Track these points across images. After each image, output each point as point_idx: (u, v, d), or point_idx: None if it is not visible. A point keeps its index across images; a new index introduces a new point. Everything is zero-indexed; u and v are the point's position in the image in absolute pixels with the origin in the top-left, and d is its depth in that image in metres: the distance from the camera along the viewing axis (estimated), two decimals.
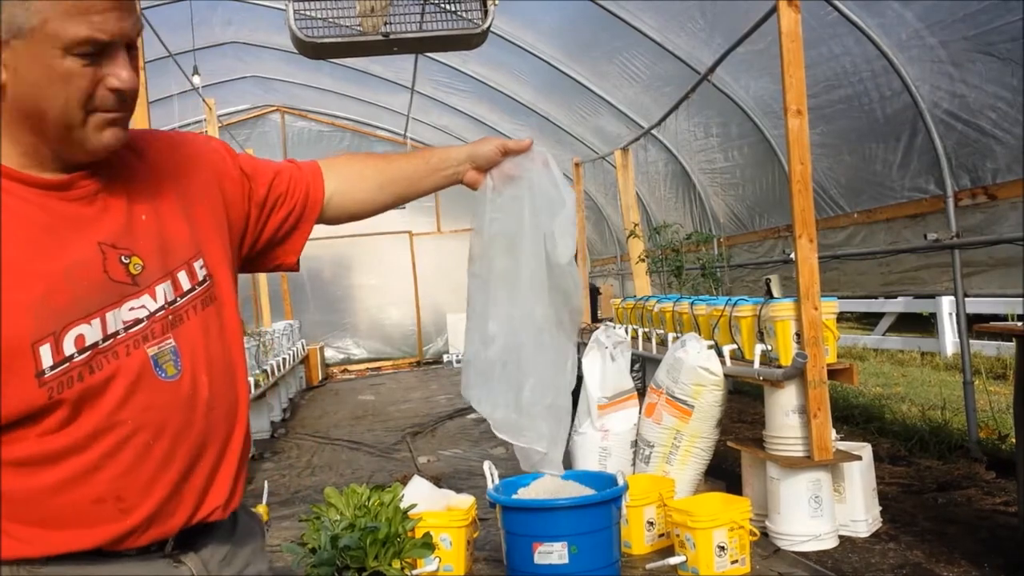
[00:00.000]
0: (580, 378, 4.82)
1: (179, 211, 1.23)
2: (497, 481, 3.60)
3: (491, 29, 3.06)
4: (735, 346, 4.28)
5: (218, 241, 1.28)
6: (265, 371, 7.34)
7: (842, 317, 10.06)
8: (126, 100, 1.11)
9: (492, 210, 1.46)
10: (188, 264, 1.21)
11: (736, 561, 3.44)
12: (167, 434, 1.14)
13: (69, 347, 1.06)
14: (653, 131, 7.80)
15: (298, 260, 1.46)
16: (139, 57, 1.19)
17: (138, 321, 1.13)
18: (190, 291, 1.20)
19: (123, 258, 1.13)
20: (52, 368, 1.05)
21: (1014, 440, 3.45)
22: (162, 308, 1.16)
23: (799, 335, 3.79)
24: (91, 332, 1.09)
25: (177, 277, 1.19)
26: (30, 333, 1.04)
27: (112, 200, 1.15)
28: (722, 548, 3.40)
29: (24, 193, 1.09)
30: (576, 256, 1.53)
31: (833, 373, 3.83)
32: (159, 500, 1.14)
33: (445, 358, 13.09)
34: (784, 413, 3.83)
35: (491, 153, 1.48)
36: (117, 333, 1.11)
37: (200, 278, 1.22)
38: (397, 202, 1.53)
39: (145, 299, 1.14)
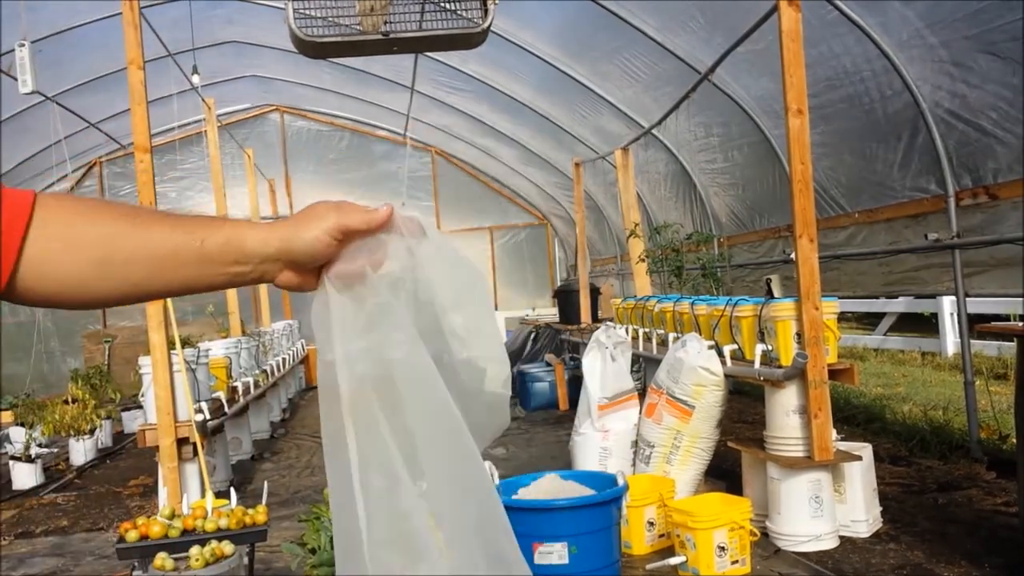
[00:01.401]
0: (580, 378, 4.82)
1: None
2: (497, 481, 3.59)
3: (491, 29, 3.05)
4: (735, 346, 4.28)
5: None
6: (265, 371, 7.34)
7: (843, 317, 10.04)
8: None
9: (348, 345, 0.83)
10: None
11: (736, 561, 3.43)
12: None
13: None
14: (653, 131, 7.79)
15: None
16: None
17: None
18: None
19: None
20: None
21: (1015, 440, 3.44)
22: None
23: (800, 335, 3.78)
24: None
25: None
26: None
27: None
28: (722, 548, 3.39)
29: None
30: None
31: (834, 373, 3.83)
32: None
33: None
34: (785, 413, 3.82)
35: (318, 245, 0.84)
36: None
37: None
38: (126, 297, 0.85)
39: None
